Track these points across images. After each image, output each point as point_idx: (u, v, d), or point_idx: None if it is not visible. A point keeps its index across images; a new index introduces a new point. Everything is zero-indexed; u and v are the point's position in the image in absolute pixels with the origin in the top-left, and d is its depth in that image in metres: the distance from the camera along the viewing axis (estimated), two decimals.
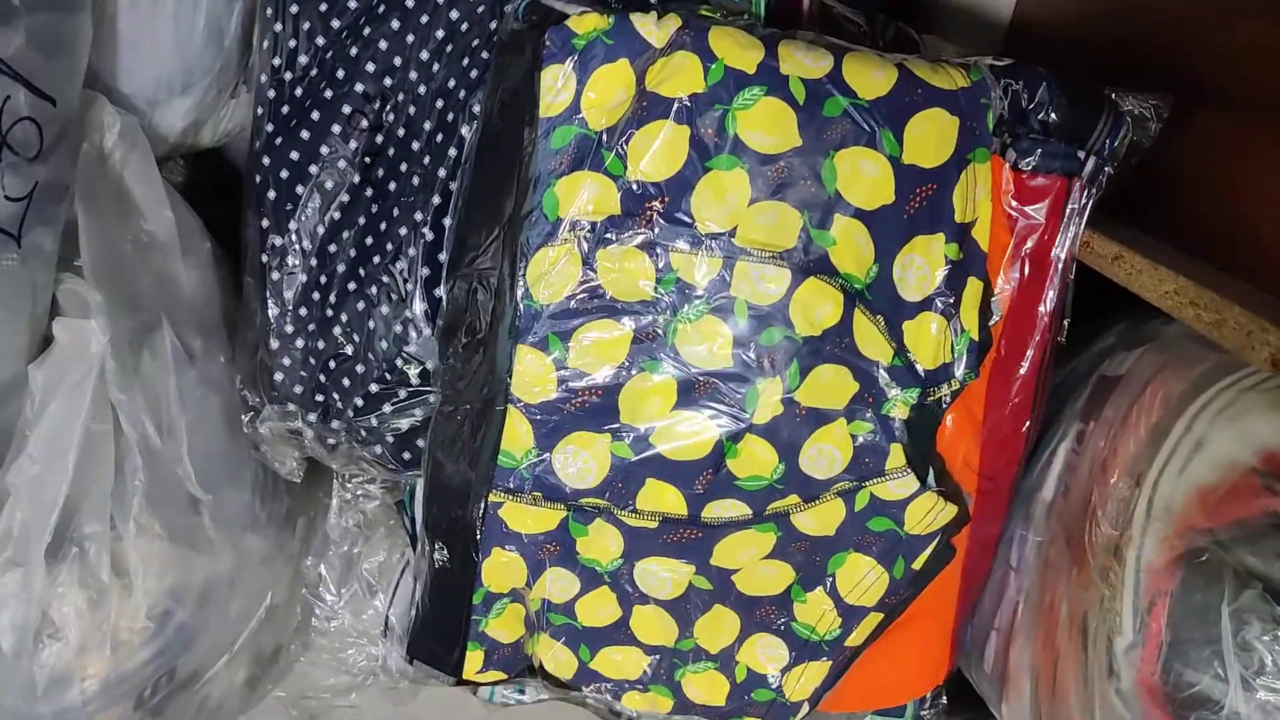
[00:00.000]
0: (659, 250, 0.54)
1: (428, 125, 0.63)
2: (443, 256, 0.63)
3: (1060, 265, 0.59)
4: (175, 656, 0.66)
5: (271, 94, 0.65)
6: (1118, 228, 0.61)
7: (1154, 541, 0.52)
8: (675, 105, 0.53)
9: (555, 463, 0.57)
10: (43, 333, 0.62)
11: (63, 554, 0.59)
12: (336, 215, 0.64)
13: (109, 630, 0.61)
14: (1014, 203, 0.58)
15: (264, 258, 0.64)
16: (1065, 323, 0.60)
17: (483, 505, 0.58)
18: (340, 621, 0.80)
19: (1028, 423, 0.60)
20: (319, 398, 0.65)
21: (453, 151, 0.63)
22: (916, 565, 0.59)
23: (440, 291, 0.63)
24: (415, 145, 0.64)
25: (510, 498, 0.58)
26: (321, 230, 0.64)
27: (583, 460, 0.56)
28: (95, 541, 0.60)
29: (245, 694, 0.86)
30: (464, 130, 0.63)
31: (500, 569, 0.61)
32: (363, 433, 0.64)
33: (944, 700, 0.68)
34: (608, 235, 0.54)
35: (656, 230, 0.54)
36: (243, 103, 0.73)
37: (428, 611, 0.64)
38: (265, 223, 0.64)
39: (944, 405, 0.57)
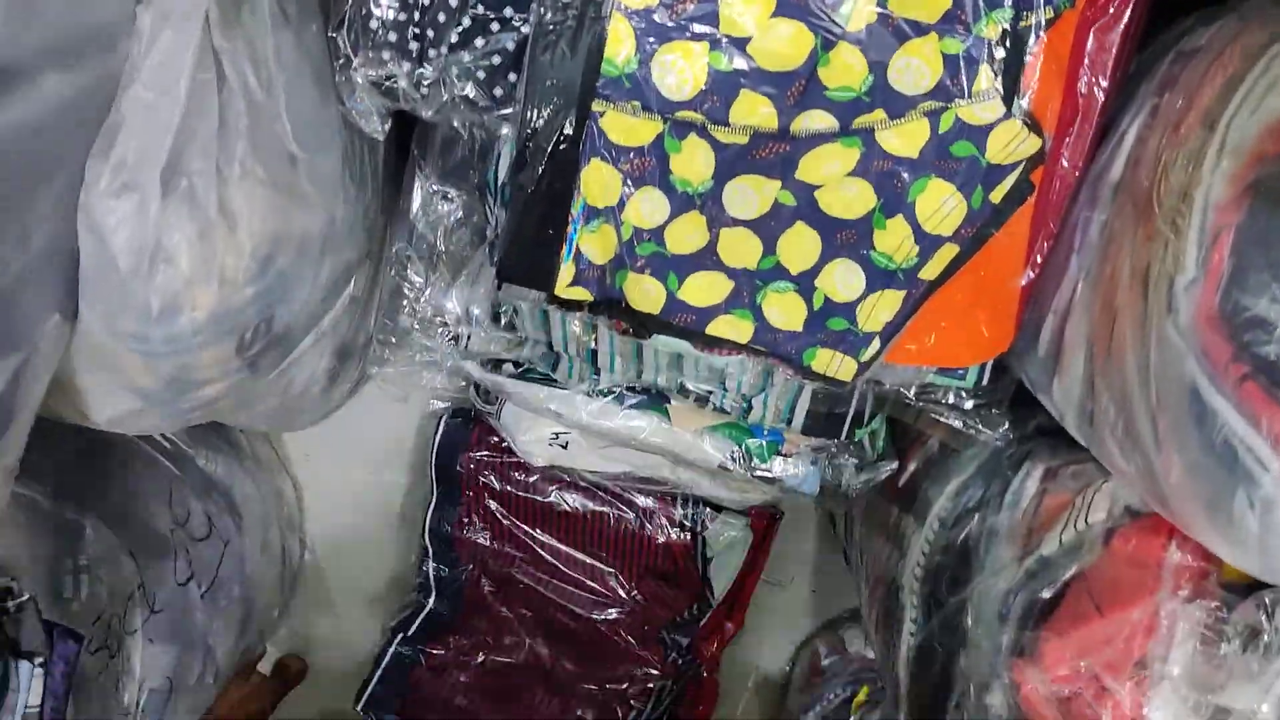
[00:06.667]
0: None
1: None
2: None
3: None
4: (273, 303, 0.70)
5: None
6: None
7: (1223, 179, 0.54)
8: None
9: (654, 72, 0.59)
10: None
11: (173, 186, 0.62)
12: None
13: (216, 265, 0.65)
14: None
15: None
16: None
17: (587, 110, 0.61)
18: (425, 309, 0.84)
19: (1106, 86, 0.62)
20: (413, 45, 0.67)
21: None
22: (995, 198, 0.62)
23: None
24: None
25: (610, 105, 0.61)
26: None
27: (680, 70, 0.59)
28: (203, 178, 0.63)
29: (325, 387, 0.91)
30: None
31: (598, 181, 0.64)
32: (455, 71, 0.66)
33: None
34: None
35: None
36: None
37: (522, 229, 0.67)
38: None
39: (1037, 32, 0.58)
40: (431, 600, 1.18)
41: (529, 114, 0.65)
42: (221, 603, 1.01)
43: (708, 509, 1.10)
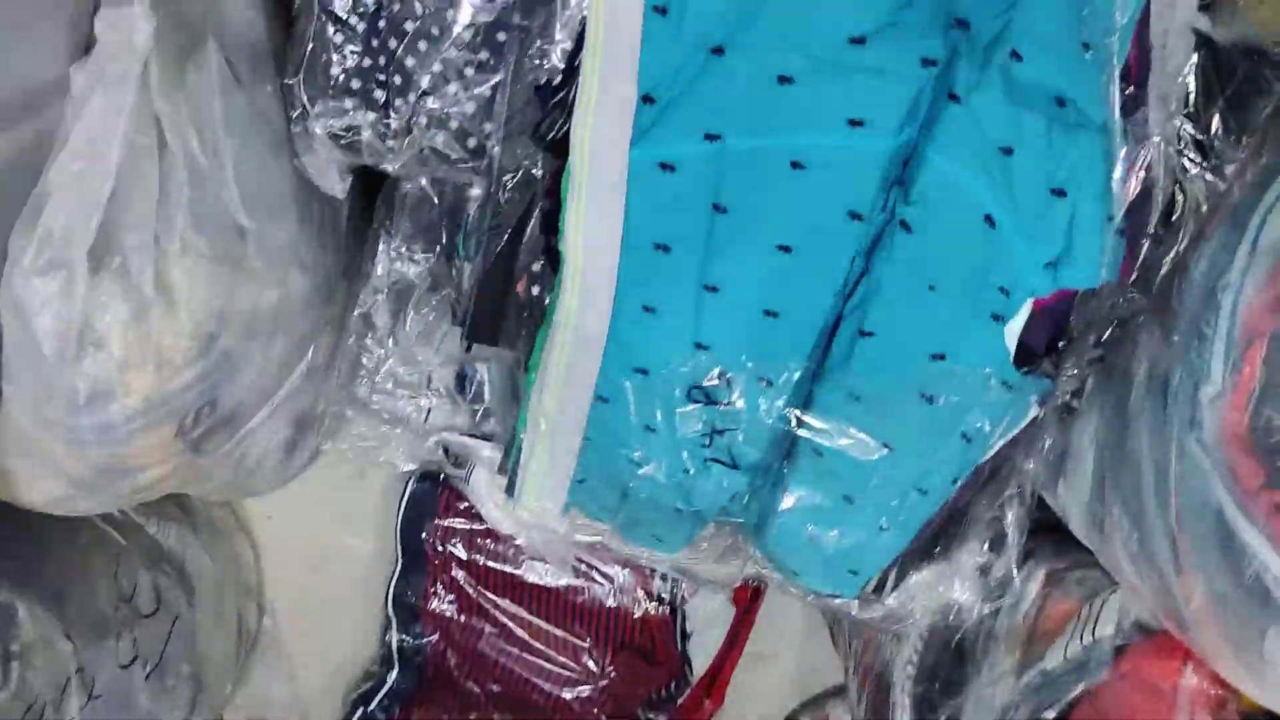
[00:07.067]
0: None
1: None
2: None
3: None
4: (218, 384, 0.65)
5: None
6: None
7: (1255, 281, 0.50)
8: None
9: None
10: (85, 37, 0.59)
11: (105, 263, 0.57)
12: None
13: (152, 347, 0.59)
14: None
15: None
16: None
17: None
18: (385, 378, 0.80)
19: None
20: (378, 93, 0.62)
21: None
22: None
23: None
24: None
25: None
26: None
27: None
28: (139, 253, 0.58)
29: (282, 459, 0.85)
30: None
31: None
32: (425, 120, 0.61)
33: None
34: None
35: None
36: None
37: (492, 286, 0.63)
38: None
39: None
40: (394, 673, 1.12)
41: (504, 164, 0.60)
42: (169, 682, 0.94)
43: (688, 581, 1.04)
